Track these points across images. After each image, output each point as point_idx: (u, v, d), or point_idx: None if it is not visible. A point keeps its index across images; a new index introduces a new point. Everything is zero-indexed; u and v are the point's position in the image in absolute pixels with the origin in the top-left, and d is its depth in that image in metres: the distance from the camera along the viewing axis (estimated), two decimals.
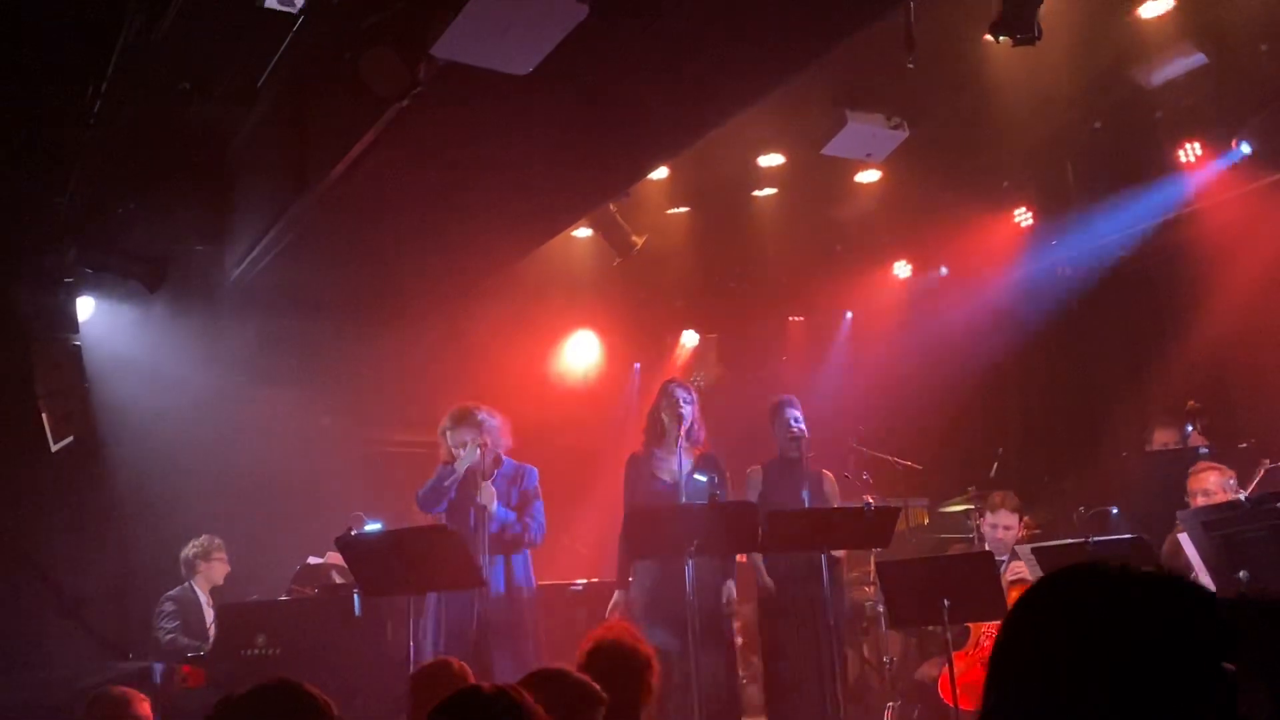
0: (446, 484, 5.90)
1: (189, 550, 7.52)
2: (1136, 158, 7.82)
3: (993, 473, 8.22)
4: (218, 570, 7.56)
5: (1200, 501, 5.71)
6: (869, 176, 8.25)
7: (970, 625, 6.20)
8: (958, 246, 9.00)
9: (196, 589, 7.47)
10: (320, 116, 6.60)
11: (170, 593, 7.41)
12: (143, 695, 4.23)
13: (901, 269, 9.75)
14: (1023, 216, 8.70)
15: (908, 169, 7.86)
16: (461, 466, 5.90)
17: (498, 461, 6.08)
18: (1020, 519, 6.59)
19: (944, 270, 9.45)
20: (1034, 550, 5.34)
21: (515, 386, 8.91)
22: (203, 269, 8.18)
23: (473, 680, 3.79)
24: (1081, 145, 7.81)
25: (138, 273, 7.55)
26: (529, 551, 6.16)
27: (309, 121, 6.74)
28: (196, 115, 6.96)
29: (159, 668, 6.87)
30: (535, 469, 6.23)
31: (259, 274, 7.84)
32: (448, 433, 6.13)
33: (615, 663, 3.60)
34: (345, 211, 7.06)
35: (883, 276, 9.81)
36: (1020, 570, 6.09)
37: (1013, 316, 8.96)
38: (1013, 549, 6.34)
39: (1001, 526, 6.49)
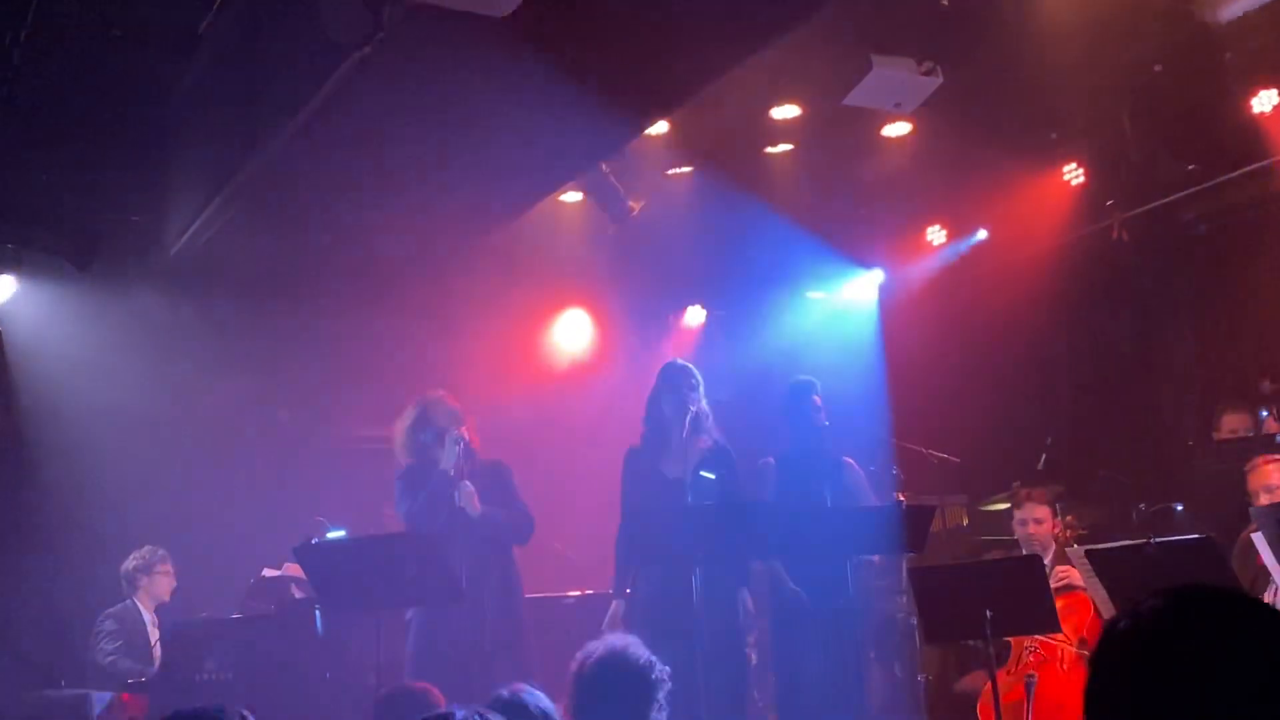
0: (445, 490, 5.87)
1: (130, 563, 7.54)
2: (1203, 105, 7.80)
3: (1040, 466, 8.22)
4: (162, 585, 7.59)
5: (1265, 500, 5.72)
6: (898, 130, 8.23)
7: (1011, 640, 6.21)
8: (999, 209, 8.98)
9: (139, 606, 7.50)
10: (271, 67, 6.58)
11: (110, 610, 7.45)
12: None
13: (935, 235, 9.74)
14: (1073, 174, 8.68)
15: (942, 121, 7.83)
16: (449, 465, 5.91)
17: (471, 456, 6.09)
18: (1055, 513, 6.56)
19: (982, 233, 9.42)
20: (1087, 553, 5.34)
21: (497, 374, 8.94)
22: (139, 243, 8.19)
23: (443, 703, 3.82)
24: (1140, 91, 7.78)
25: (65, 248, 7.55)
26: (514, 552, 6.19)
27: (259, 73, 6.73)
28: (130, 67, 6.94)
29: (96, 696, 6.90)
30: (507, 464, 6.25)
31: (204, 248, 7.84)
32: (416, 427, 6.11)
33: (623, 676, 3.61)
34: (301, 176, 7.07)
35: (914, 244, 9.80)
36: (1068, 575, 6.11)
37: (1062, 288, 8.96)
38: (1060, 550, 6.35)
39: (1031, 520, 6.47)
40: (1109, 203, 8.65)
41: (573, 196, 8.84)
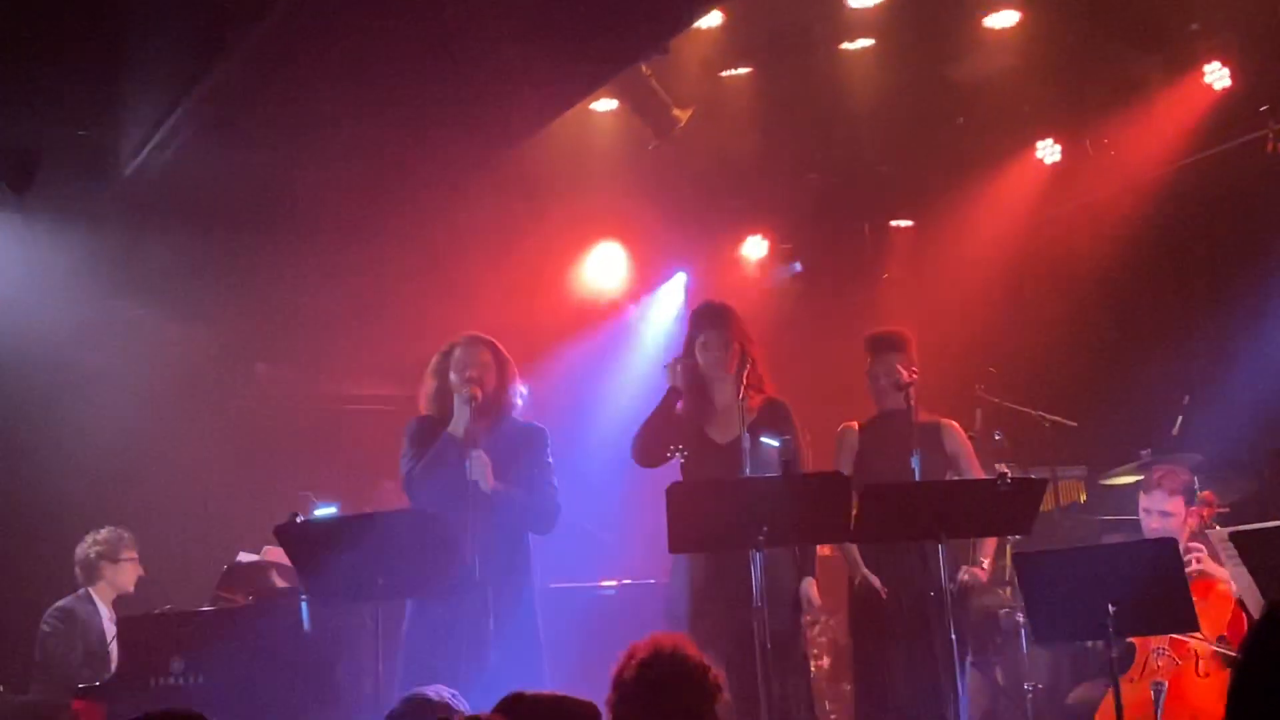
0: (452, 457, 5.89)
1: (90, 548, 7.61)
2: None
3: (1175, 431, 8.15)
4: (128, 574, 7.68)
5: None
6: (1003, 20, 8.13)
7: (1135, 641, 6.16)
8: (1126, 117, 8.86)
9: (96, 598, 7.55)
10: None
11: (60, 603, 7.53)
12: None
13: (1048, 151, 9.62)
14: (1216, 75, 8.55)
15: (1056, 8, 7.71)
16: (460, 428, 5.91)
17: (499, 419, 6.07)
18: (1189, 504, 6.47)
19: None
20: (1232, 535, 5.28)
21: (516, 321, 8.88)
22: (88, 162, 8.22)
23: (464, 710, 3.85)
24: None
25: None
26: (531, 539, 6.18)
27: None
28: None
29: (44, 703, 6.96)
30: (545, 430, 6.22)
31: (164, 168, 7.88)
32: (436, 372, 6.11)
33: (677, 678, 3.64)
34: (280, 79, 7.08)
35: (1021, 161, 9.70)
36: (1201, 560, 6.07)
37: (1202, 214, 8.84)
38: (1202, 533, 6.28)
39: (1156, 512, 6.43)
40: (1263, 108, 8.49)
41: (607, 105, 8.82)
